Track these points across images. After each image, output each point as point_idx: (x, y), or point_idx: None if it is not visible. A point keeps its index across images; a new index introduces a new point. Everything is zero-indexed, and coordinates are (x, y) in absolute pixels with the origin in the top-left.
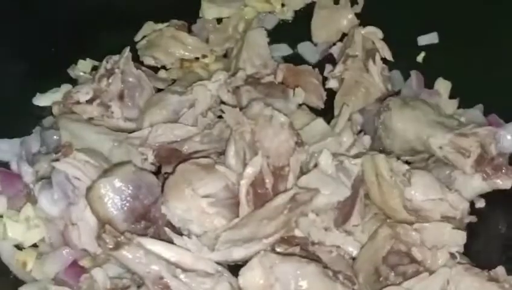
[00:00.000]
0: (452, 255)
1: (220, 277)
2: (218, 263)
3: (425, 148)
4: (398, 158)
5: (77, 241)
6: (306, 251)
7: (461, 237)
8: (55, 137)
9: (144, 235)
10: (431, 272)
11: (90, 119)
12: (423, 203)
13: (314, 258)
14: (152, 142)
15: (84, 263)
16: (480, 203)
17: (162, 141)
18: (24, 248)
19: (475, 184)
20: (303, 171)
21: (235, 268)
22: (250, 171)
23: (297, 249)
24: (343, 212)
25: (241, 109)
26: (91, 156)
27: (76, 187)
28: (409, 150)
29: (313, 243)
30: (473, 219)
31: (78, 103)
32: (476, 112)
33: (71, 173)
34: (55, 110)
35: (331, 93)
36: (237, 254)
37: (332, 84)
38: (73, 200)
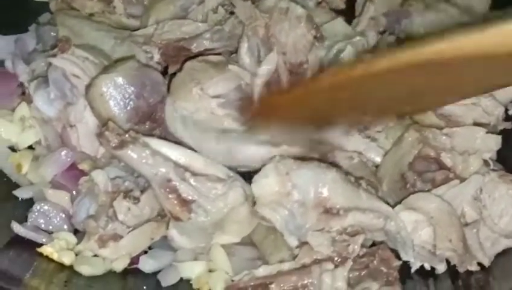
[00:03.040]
0: (485, 162)
1: (232, 182)
2: (230, 169)
3: None
4: None
5: (76, 144)
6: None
7: (495, 142)
8: (52, 34)
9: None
10: (462, 180)
11: (91, 15)
12: (454, 107)
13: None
14: (158, 40)
15: (84, 166)
16: None
17: (168, 38)
18: (19, 150)
19: (511, 87)
20: (322, 70)
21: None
22: (265, 69)
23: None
24: None
25: (253, 2)
26: (91, 52)
27: (75, 86)
28: None
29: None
30: (508, 125)
31: None
32: None
33: (69, 70)
34: (52, 5)
35: None
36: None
37: None
38: (72, 99)
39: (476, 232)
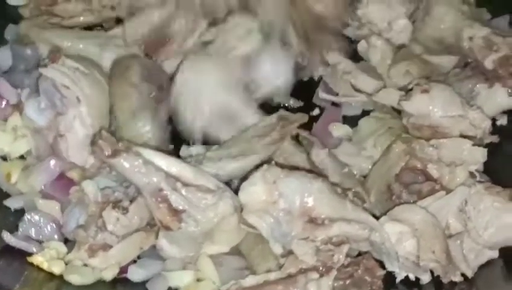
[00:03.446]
0: (471, 174)
1: (222, 193)
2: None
3: (455, 39)
4: None
5: (65, 154)
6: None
7: (481, 154)
8: (28, 52)
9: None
10: (448, 191)
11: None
12: (442, 119)
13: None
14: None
15: (73, 175)
16: (502, 120)
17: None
18: (11, 160)
19: (499, 99)
20: None
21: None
22: None
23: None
24: None
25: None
26: (81, 63)
27: (64, 96)
28: (435, 40)
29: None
30: (495, 138)
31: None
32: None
33: (59, 81)
34: (25, 12)
35: None
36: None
37: None
38: (61, 109)
39: (459, 243)
